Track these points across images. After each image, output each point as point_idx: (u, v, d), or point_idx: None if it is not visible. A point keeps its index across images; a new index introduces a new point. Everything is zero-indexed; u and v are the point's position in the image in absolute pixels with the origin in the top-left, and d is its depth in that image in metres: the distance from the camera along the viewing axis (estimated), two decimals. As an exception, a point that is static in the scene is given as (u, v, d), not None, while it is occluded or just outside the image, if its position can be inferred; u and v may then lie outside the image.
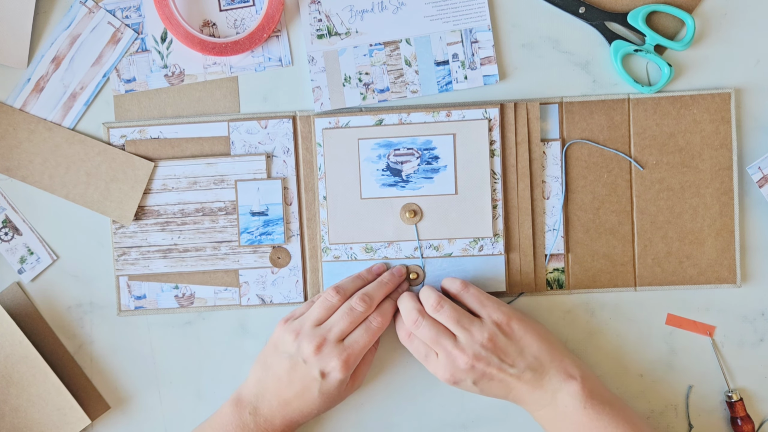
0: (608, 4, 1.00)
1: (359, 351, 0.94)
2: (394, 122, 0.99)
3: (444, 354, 0.93)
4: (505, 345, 0.93)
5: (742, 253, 1.00)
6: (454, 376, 0.92)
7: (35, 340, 1.00)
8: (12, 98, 1.00)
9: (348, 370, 0.93)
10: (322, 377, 0.93)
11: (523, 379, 0.92)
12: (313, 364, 0.93)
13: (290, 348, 0.94)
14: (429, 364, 0.94)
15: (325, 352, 0.93)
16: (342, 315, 0.95)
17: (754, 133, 1.00)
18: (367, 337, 0.95)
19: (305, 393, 0.94)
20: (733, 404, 0.99)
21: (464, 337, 0.92)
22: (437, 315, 0.94)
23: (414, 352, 0.96)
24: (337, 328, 0.94)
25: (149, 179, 1.00)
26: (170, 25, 0.98)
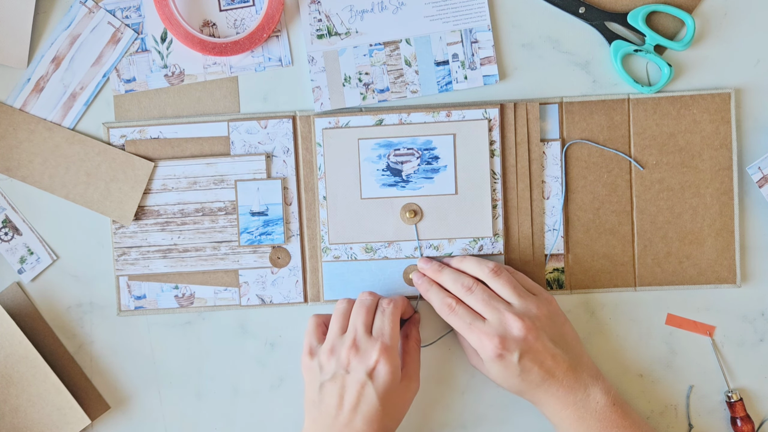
0: (608, 4, 1.00)
1: (389, 335, 0.92)
2: (394, 122, 0.99)
3: (496, 318, 0.91)
4: (554, 326, 0.92)
5: (742, 253, 1.00)
6: (503, 344, 0.89)
7: (35, 340, 1.00)
8: (12, 98, 1.00)
9: (390, 357, 0.90)
10: (371, 378, 0.90)
11: (562, 369, 0.91)
12: (356, 367, 0.90)
13: (329, 368, 0.92)
14: (473, 332, 0.91)
15: (362, 349, 0.91)
16: (356, 312, 0.94)
17: (754, 133, 1.00)
18: (387, 320, 0.93)
19: (363, 404, 0.90)
20: (733, 404, 0.99)
21: (521, 305, 0.91)
22: (494, 281, 0.93)
23: (456, 322, 0.93)
24: (359, 321, 0.93)
25: (149, 179, 1.00)
26: (170, 25, 0.98)
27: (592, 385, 0.92)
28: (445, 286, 0.96)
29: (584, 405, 0.91)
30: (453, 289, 0.94)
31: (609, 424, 0.91)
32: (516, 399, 1.01)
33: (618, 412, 0.91)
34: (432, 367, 1.02)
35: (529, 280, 0.96)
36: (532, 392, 0.92)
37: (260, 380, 1.02)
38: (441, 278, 0.96)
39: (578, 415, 0.91)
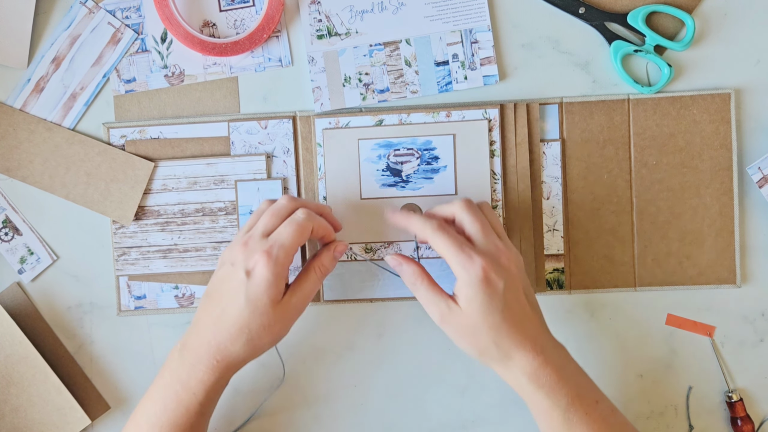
0: (608, 5, 1.00)
1: (281, 244, 0.85)
2: (394, 122, 0.99)
3: (486, 242, 0.87)
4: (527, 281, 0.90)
5: (741, 254, 1.00)
6: (493, 266, 0.85)
7: (35, 340, 1.00)
8: (12, 98, 1.00)
9: (271, 263, 0.84)
10: (248, 276, 0.84)
11: (538, 321, 0.88)
12: (238, 264, 0.85)
13: (225, 257, 0.88)
14: (463, 251, 0.85)
15: (249, 247, 0.86)
16: (268, 213, 0.89)
17: (754, 133, 1.00)
18: (291, 230, 0.86)
19: (232, 303, 0.85)
20: (733, 404, 0.99)
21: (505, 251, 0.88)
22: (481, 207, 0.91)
23: (445, 240, 0.86)
24: (261, 224, 0.88)
25: (149, 179, 1.00)
26: (170, 25, 0.98)
27: (563, 348, 0.89)
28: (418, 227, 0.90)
29: (563, 366, 0.87)
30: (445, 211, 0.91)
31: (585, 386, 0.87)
32: (516, 399, 1.01)
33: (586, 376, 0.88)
34: (432, 366, 1.02)
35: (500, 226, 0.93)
36: (511, 338, 0.86)
37: (260, 380, 1.02)
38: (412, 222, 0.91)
39: (558, 377, 0.86)
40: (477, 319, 0.85)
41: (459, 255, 0.85)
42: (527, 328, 0.86)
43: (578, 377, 0.88)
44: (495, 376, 1.01)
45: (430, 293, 0.88)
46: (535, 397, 0.87)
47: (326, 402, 1.02)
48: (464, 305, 0.86)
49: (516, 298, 0.86)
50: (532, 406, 0.88)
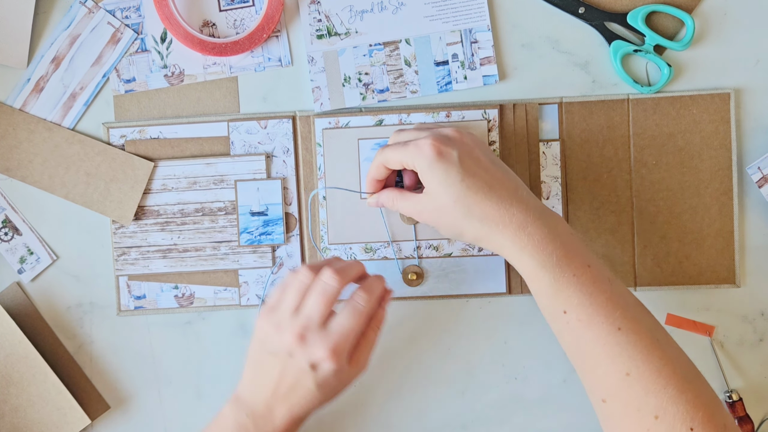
0: (608, 4, 1.00)
1: (347, 336, 0.85)
2: (394, 122, 0.99)
3: (429, 131, 0.87)
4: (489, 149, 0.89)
5: (741, 254, 1.00)
6: (440, 140, 0.84)
7: (35, 340, 1.00)
8: (12, 98, 1.00)
9: (338, 358, 0.85)
10: (313, 369, 0.84)
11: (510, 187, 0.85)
12: (300, 357, 0.85)
13: (274, 343, 0.86)
14: (409, 145, 0.86)
15: (309, 342, 0.84)
16: (316, 296, 0.86)
17: (753, 133, 1.00)
18: (353, 321, 0.86)
19: (300, 388, 0.86)
20: (732, 404, 0.99)
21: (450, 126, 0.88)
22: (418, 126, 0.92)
23: (393, 149, 0.87)
24: (315, 311, 0.85)
25: (149, 179, 1.00)
26: (170, 25, 0.98)
27: (547, 209, 0.86)
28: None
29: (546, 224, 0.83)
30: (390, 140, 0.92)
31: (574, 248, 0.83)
32: (516, 399, 1.01)
33: (579, 239, 0.85)
34: (432, 366, 1.02)
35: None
36: (481, 206, 0.84)
37: (260, 380, 1.02)
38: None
39: (542, 235, 0.82)
40: (443, 198, 0.85)
41: (406, 150, 0.86)
42: (497, 190, 0.84)
43: (569, 238, 0.84)
44: (495, 376, 1.01)
45: (405, 201, 0.89)
46: (521, 259, 0.83)
47: (326, 402, 1.02)
48: (428, 189, 0.86)
49: (476, 163, 0.85)
50: (520, 269, 0.84)
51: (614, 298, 0.81)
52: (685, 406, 0.77)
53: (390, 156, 0.88)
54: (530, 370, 1.02)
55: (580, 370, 0.83)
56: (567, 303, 0.81)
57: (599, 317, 0.80)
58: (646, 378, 0.78)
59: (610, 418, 0.81)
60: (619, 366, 0.79)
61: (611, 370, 0.80)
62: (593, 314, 0.80)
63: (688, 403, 0.77)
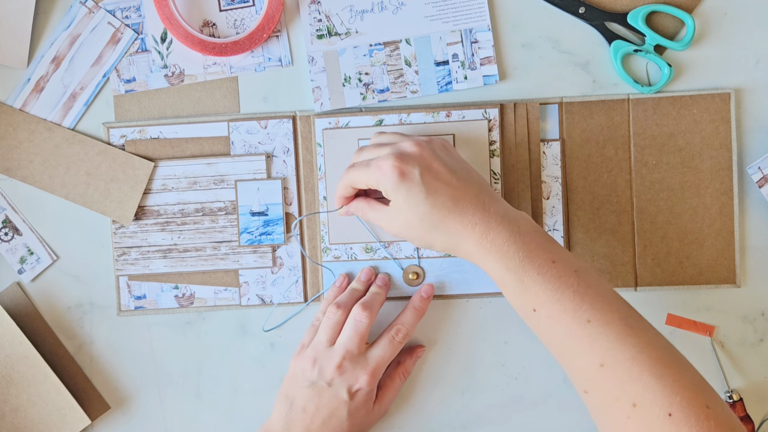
0: (608, 4, 1.00)
1: (383, 366, 0.94)
2: (394, 122, 0.99)
3: (388, 148, 0.88)
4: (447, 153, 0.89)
5: (741, 253, 1.00)
6: (401, 159, 0.86)
7: (35, 340, 1.00)
8: (12, 98, 1.00)
9: (374, 382, 0.93)
10: (350, 396, 0.92)
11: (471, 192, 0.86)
12: (338, 384, 0.92)
13: (311, 375, 0.93)
14: (371, 165, 0.87)
15: (348, 369, 0.93)
16: (350, 332, 0.93)
17: (754, 133, 1.00)
18: (390, 352, 0.95)
19: (333, 419, 0.93)
20: (733, 404, 0.99)
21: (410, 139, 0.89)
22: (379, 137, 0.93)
23: (357, 170, 0.89)
24: (352, 344, 0.93)
25: (149, 179, 1.00)
26: (170, 25, 0.98)
27: (511, 211, 0.86)
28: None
29: (507, 227, 0.84)
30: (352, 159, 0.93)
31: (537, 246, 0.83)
32: (516, 399, 1.01)
33: (543, 236, 0.85)
34: (432, 366, 1.02)
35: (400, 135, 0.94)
36: (445, 221, 0.85)
37: (260, 380, 1.02)
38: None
39: (503, 239, 0.84)
40: (408, 215, 0.86)
41: (369, 171, 0.87)
42: (459, 202, 0.85)
43: (532, 237, 0.84)
44: (495, 376, 1.01)
45: (375, 212, 0.91)
46: (486, 264, 0.85)
47: (326, 402, 1.02)
48: (395, 207, 0.87)
49: (437, 178, 0.86)
50: (488, 273, 0.86)
51: (581, 290, 0.81)
52: (662, 392, 0.76)
53: (355, 177, 0.90)
54: (530, 370, 1.02)
55: (561, 364, 0.84)
56: (535, 301, 0.82)
57: (567, 312, 0.81)
58: (620, 367, 0.78)
59: (593, 409, 0.81)
60: (593, 357, 0.79)
61: (587, 363, 0.80)
62: (561, 310, 0.81)
63: (666, 388, 0.76)
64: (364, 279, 0.99)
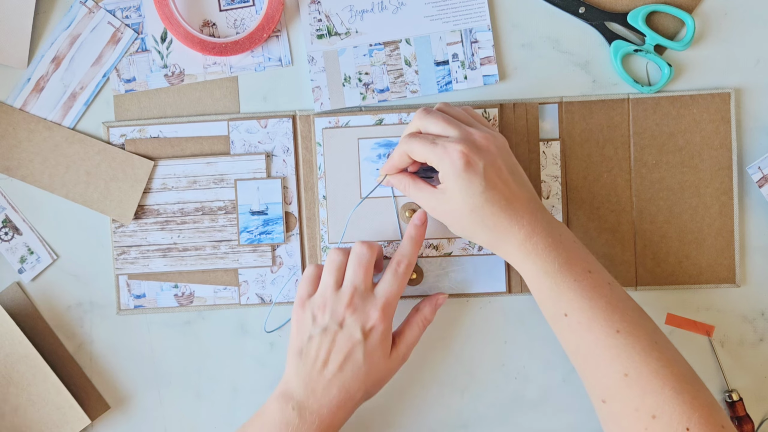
0: (608, 4, 1.00)
1: (393, 299, 0.91)
2: (394, 122, 0.99)
3: (457, 131, 0.88)
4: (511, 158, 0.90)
5: (741, 253, 1.00)
6: (470, 148, 0.86)
7: (35, 340, 1.00)
8: (12, 98, 1.00)
9: (387, 320, 0.90)
10: (365, 336, 0.89)
11: (523, 197, 0.88)
12: (351, 324, 0.90)
13: (322, 321, 0.91)
14: (437, 145, 0.87)
15: (359, 307, 0.90)
16: (354, 266, 0.91)
17: (754, 133, 1.00)
18: (397, 283, 0.92)
19: (349, 363, 0.89)
20: (732, 404, 0.99)
21: (479, 128, 0.89)
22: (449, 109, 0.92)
23: (419, 145, 0.88)
24: (359, 279, 0.91)
25: (149, 178, 1.00)
26: (170, 25, 0.98)
27: (554, 220, 0.89)
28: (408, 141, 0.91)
29: (551, 234, 0.87)
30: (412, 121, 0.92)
31: (576, 255, 0.86)
32: (516, 399, 1.01)
33: (581, 247, 0.88)
34: (432, 366, 1.02)
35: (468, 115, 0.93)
36: (496, 217, 0.87)
37: (260, 380, 1.02)
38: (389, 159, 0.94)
39: (546, 243, 0.86)
40: (461, 204, 0.87)
41: (434, 150, 0.87)
42: (512, 203, 0.87)
43: (571, 246, 0.87)
44: (495, 376, 1.01)
45: (419, 192, 0.91)
46: (524, 266, 0.87)
47: (326, 402, 1.02)
48: (448, 193, 0.88)
49: (498, 176, 0.87)
50: (524, 275, 0.88)
51: (613, 302, 0.85)
52: (682, 407, 0.79)
53: (416, 149, 0.89)
54: (530, 370, 1.02)
55: (581, 371, 0.86)
56: (568, 306, 0.85)
57: (598, 320, 0.84)
58: (644, 379, 0.80)
59: (609, 418, 0.83)
60: (617, 367, 0.82)
61: (610, 371, 0.82)
62: (593, 317, 0.84)
63: (685, 403, 0.79)
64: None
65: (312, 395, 0.89)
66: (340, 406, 0.90)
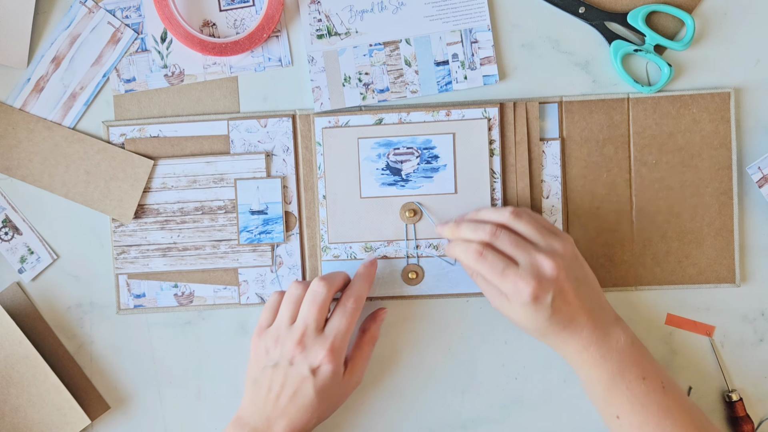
0: (608, 4, 1.00)
1: (342, 337, 0.93)
2: (393, 121, 0.99)
3: (527, 259, 0.89)
4: (578, 266, 0.92)
5: (741, 253, 1.00)
6: (540, 285, 0.88)
7: (35, 340, 1.00)
8: (12, 98, 1.00)
9: (336, 359, 0.92)
10: (313, 374, 0.91)
11: (586, 309, 0.90)
12: (300, 362, 0.92)
13: (274, 355, 0.93)
14: (507, 277, 0.89)
15: (308, 346, 0.92)
16: (308, 305, 0.93)
17: (753, 133, 1.00)
18: (346, 321, 0.93)
19: (300, 396, 0.92)
20: (732, 404, 0.99)
21: (546, 244, 0.91)
22: (517, 223, 0.92)
23: (489, 268, 0.90)
24: (311, 318, 0.93)
25: (149, 177, 1.00)
26: (170, 25, 0.98)
27: (613, 325, 0.92)
28: (468, 238, 0.93)
29: (606, 343, 0.91)
30: (476, 237, 0.92)
31: (630, 362, 0.90)
32: (516, 399, 1.01)
33: (637, 352, 0.91)
34: (432, 366, 1.02)
35: (547, 220, 0.95)
36: (557, 334, 0.91)
37: (260, 380, 1.02)
38: (461, 233, 0.94)
39: (600, 354, 0.90)
40: (524, 322, 0.91)
41: (503, 282, 0.90)
42: (575, 320, 0.90)
43: (627, 352, 0.91)
44: (495, 376, 1.01)
45: (484, 282, 0.94)
46: (579, 372, 0.93)
47: (326, 402, 1.02)
48: (513, 310, 0.91)
49: (564, 301, 0.89)
50: (579, 376, 0.93)
51: (665, 406, 0.90)
52: None
53: (486, 273, 0.91)
54: (530, 370, 1.02)
55: None
56: (620, 410, 0.90)
57: (650, 425, 0.89)
58: None
59: None
60: None
61: None
62: (644, 422, 0.89)
63: None
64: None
65: (267, 423, 0.93)
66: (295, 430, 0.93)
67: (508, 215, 0.92)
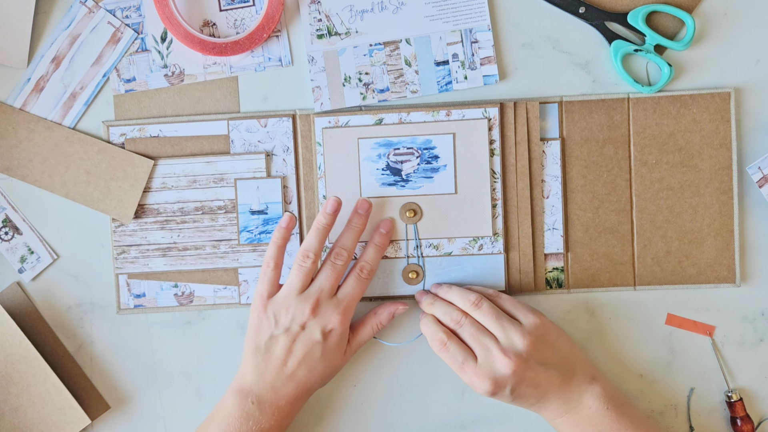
0: (608, 4, 1.00)
1: (353, 301, 0.96)
2: (393, 121, 0.99)
3: (484, 356, 0.92)
4: (543, 347, 0.93)
5: (741, 253, 1.00)
6: (495, 384, 0.91)
7: (35, 340, 1.00)
8: (12, 98, 1.00)
9: (346, 323, 0.95)
10: (324, 338, 0.94)
11: (555, 383, 0.93)
12: (313, 326, 0.94)
13: (284, 322, 0.94)
14: (466, 372, 0.93)
15: (322, 310, 0.94)
16: (327, 274, 0.95)
17: (754, 133, 1.00)
18: (359, 287, 0.97)
19: (308, 361, 0.94)
20: (732, 404, 0.99)
21: (505, 339, 0.92)
22: (476, 313, 0.94)
23: (450, 360, 0.94)
24: (327, 285, 0.95)
25: (149, 177, 1.00)
26: (170, 25, 0.98)
27: (586, 391, 0.93)
28: (439, 318, 0.97)
29: (578, 411, 0.93)
30: (444, 321, 0.96)
31: (604, 428, 0.92)
32: (516, 399, 1.01)
33: (613, 415, 0.92)
34: (432, 366, 1.02)
35: (513, 301, 0.97)
36: (527, 408, 0.95)
37: (260, 380, 1.02)
38: (434, 311, 0.97)
39: (573, 422, 0.93)
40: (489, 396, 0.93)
41: (463, 376, 0.93)
42: (543, 397, 0.93)
43: (599, 419, 0.93)
44: (495, 376, 1.01)
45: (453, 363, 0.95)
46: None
47: (326, 402, 1.02)
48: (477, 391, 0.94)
49: (529, 386, 0.92)
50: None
51: None
52: None
53: (446, 361, 0.95)
54: (530, 370, 1.02)
55: None
56: None
57: None
58: None
59: None
60: None
61: None
62: None
63: None
64: (330, 211, 0.97)
65: (271, 390, 0.94)
66: (298, 397, 0.95)
67: (469, 305, 0.95)
